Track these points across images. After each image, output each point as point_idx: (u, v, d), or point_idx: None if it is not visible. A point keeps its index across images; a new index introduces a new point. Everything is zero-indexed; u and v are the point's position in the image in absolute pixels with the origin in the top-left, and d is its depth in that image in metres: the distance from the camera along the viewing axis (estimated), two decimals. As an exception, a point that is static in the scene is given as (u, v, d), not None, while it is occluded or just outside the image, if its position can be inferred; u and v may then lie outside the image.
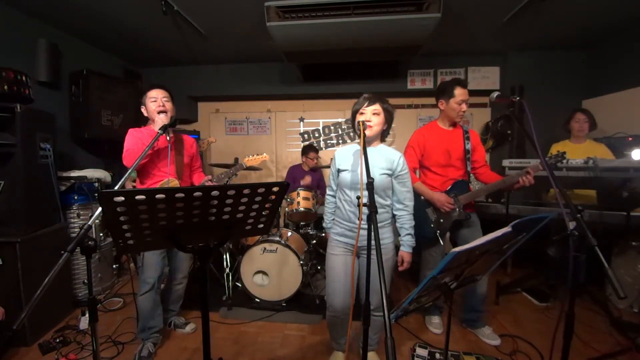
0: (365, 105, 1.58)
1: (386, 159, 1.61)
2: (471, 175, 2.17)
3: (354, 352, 1.99)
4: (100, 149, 3.34)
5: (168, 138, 1.89)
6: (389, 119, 1.63)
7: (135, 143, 1.83)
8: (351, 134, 4.37)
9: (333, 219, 1.79)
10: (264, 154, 2.53)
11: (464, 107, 1.99)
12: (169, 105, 1.92)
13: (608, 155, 2.55)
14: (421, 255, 2.21)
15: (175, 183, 1.94)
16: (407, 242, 1.64)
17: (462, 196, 2.03)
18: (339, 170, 1.69)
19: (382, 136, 1.69)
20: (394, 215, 1.69)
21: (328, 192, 1.84)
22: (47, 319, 2.24)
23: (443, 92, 2.05)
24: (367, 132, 1.54)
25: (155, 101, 1.88)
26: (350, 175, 1.62)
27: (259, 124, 4.50)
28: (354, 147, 1.71)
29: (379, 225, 1.61)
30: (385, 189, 1.62)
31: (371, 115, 1.57)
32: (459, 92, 1.98)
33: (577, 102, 3.46)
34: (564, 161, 1.91)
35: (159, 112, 1.87)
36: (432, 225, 2.06)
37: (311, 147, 3.69)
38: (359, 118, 1.56)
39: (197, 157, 2.17)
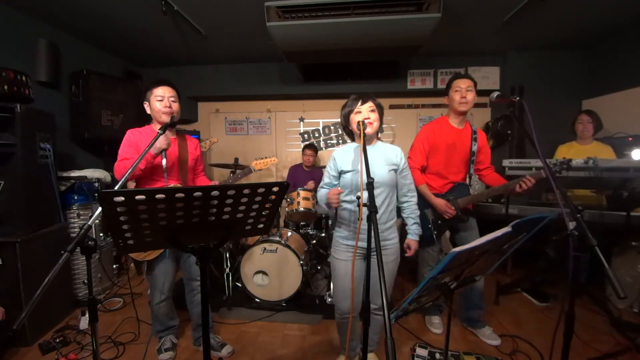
0: (360, 104, 1.55)
1: (388, 155, 1.62)
2: (472, 177, 2.16)
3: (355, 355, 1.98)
4: (100, 149, 3.34)
5: (166, 141, 1.69)
6: (381, 115, 1.62)
7: (131, 152, 1.68)
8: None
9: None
10: (273, 156, 2.45)
11: (463, 93, 1.96)
12: (175, 107, 1.76)
13: (613, 157, 2.52)
14: (418, 254, 2.21)
15: None
16: (415, 230, 1.68)
17: (461, 199, 2.04)
18: (341, 172, 1.64)
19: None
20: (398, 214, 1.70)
21: (322, 185, 1.72)
22: (47, 319, 2.24)
23: (446, 88, 2.09)
24: (368, 130, 1.51)
25: (161, 100, 1.72)
26: (355, 176, 1.58)
27: (259, 124, 4.49)
28: (352, 145, 1.67)
29: (387, 224, 1.60)
30: (394, 185, 1.63)
31: (368, 112, 1.54)
32: (455, 83, 2.02)
33: (577, 102, 3.47)
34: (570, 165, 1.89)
35: (164, 114, 1.71)
36: (429, 226, 2.07)
37: (309, 145, 3.78)
38: (357, 118, 1.53)
39: (200, 159, 2.04)
